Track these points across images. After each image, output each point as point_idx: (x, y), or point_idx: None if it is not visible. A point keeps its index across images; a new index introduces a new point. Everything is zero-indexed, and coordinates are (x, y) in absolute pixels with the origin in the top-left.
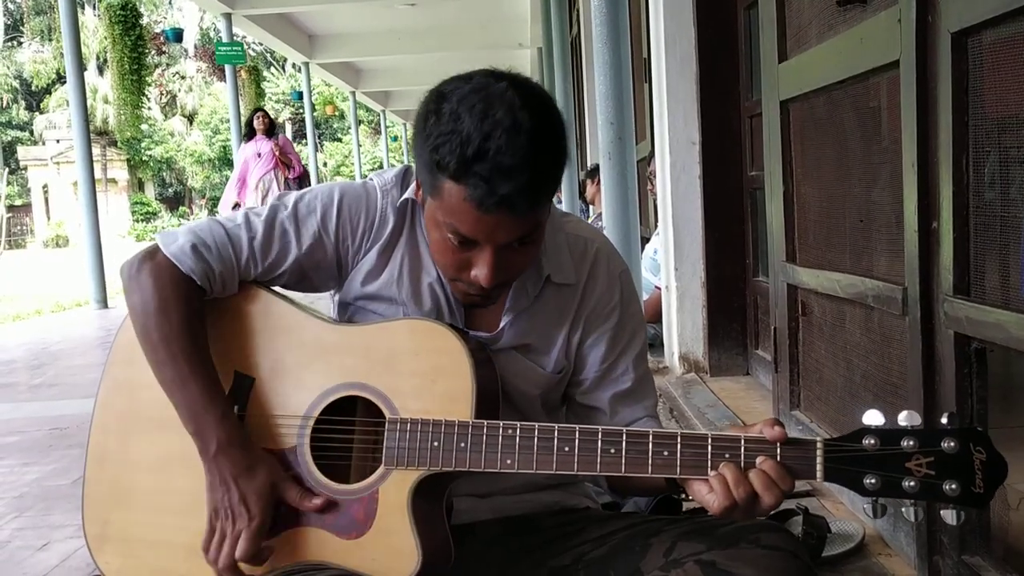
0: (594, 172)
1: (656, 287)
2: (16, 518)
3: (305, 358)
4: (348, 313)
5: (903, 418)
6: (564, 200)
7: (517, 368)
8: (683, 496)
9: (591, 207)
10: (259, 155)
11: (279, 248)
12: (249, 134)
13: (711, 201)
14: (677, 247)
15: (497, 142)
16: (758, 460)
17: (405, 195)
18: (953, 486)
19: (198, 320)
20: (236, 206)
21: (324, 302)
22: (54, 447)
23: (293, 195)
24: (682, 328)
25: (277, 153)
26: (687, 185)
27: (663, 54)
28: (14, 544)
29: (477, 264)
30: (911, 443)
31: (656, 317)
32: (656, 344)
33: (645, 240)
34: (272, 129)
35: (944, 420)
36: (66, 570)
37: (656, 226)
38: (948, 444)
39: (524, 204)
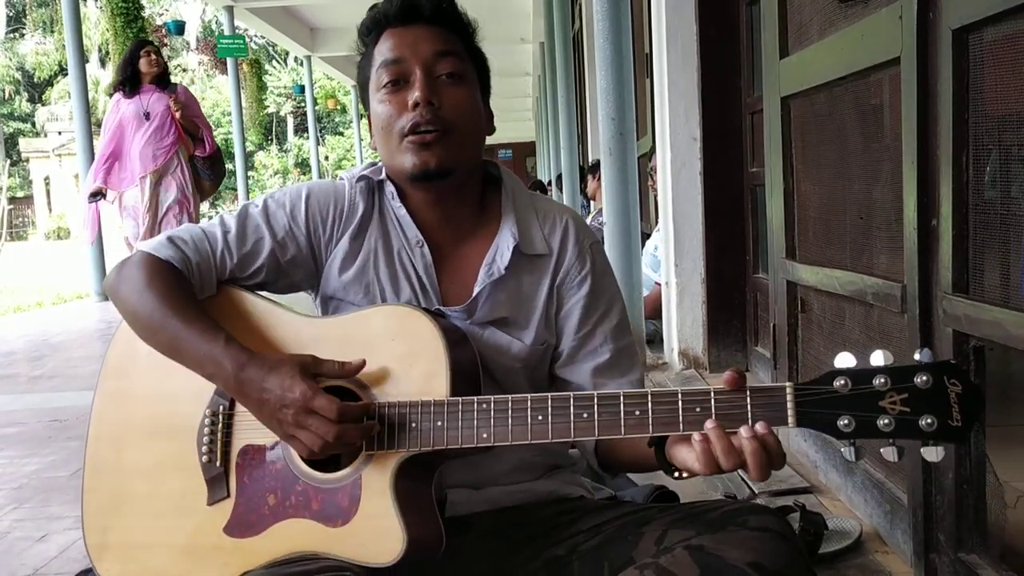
0: (595, 168)
1: (656, 283)
2: (15, 509)
3: (287, 351)
4: (331, 309)
5: (876, 357)
6: (565, 196)
7: (496, 342)
8: (674, 474)
9: (592, 203)
10: (145, 117)
11: (253, 240)
12: (129, 83)
13: (712, 197)
14: (677, 243)
15: None
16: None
17: (365, 172)
18: (929, 420)
19: (186, 288)
20: (97, 196)
21: (307, 305)
22: (53, 439)
23: (263, 195)
24: (682, 324)
25: (177, 115)
26: (688, 181)
27: (665, 50)
28: (13, 535)
29: (411, 93)
30: (883, 380)
31: (656, 313)
32: (656, 340)
33: (646, 236)
34: (166, 77)
35: (916, 356)
36: (64, 561)
37: (657, 222)
38: (921, 379)
39: (431, 6)
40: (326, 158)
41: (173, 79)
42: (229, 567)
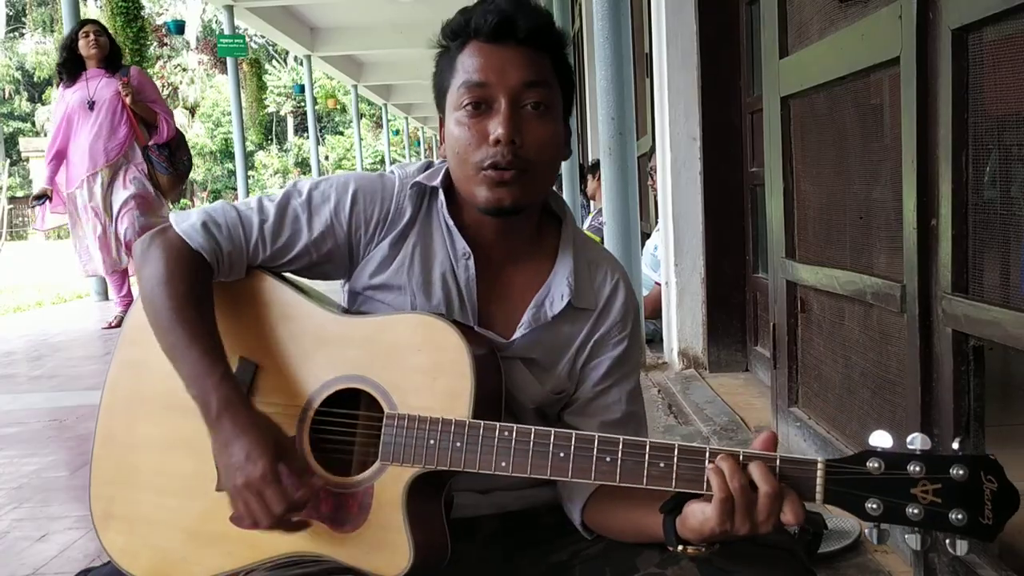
0: (595, 167)
1: (656, 283)
2: (15, 509)
3: (308, 348)
4: (357, 303)
5: (911, 441)
6: (565, 196)
7: (519, 379)
8: (680, 548)
9: (592, 202)
10: (89, 107)
11: (289, 234)
12: (66, 69)
13: (711, 197)
14: (677, 243)
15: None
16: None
17: (418, 178)
18: (960, 515)
19: (204, 293)
20: (42, 199)
21: (336, 292)
22: (53, 439)
23: (308, 182)
24: (682, 324)
25: (127, 100)
26: (688, 181)
27: (664, 49)
28: (13, 535)
29: (493, 124)
30: (918, 468)
31: (656, 313)
32: (656, 340)
33: (645, 236)
34: (116, 58)
35: (955, 446)
36: (65, 561)
37: (656, 222)
38: (957, 471)
39: (524, 20)
40: (326, 158)
41: (174, 78)
42: (232, 556)
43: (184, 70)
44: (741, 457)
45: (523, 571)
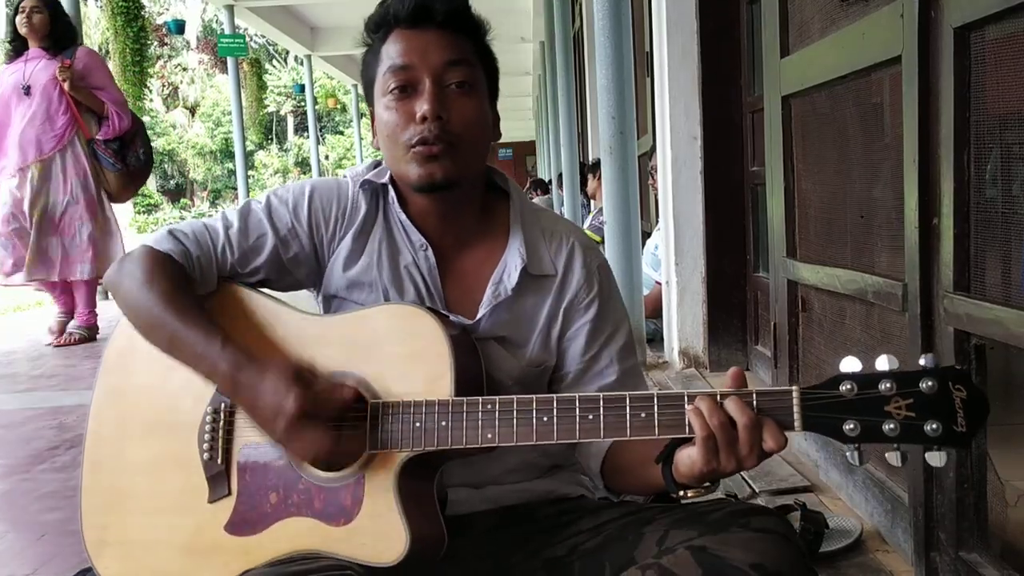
0: (596, 167)
1: (656, 282)
2: (14, 508)
3: (291, 351)
4: (332, 308)
5: (881, 362)
6: (565, 194)
7: (493, 356)
8: (682, 493)
9: (592, 201)
10: (25, 91)
11: (255, 237)
12: (17, 48)
13: (712, 196)
14: (678, 242)
15: None
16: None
17: (367, 176)
18: (934, 426)
19: (187, 287)
20: None
21: (308, 303)
22: (53, 438)
23: (266, 191)
24: (682, 323)
25: (65, 85)
26: (688, 180)
27: (665, 48)
28: (12, 534)
29: (419, 103)
30: (889, 386)
31: (656, 312)
32: (656, 339)
33: (646, 235)
34: (64, 38)
35: (922, 361)
36: (64, 560)
37: (657, 221)
38: (927, 384)
39: (441, 3)
40: (326, 157)
41: (174, 78)
42: (230, 566)
43: (184, 70)
44: (718, 397)
45: (520, 566)
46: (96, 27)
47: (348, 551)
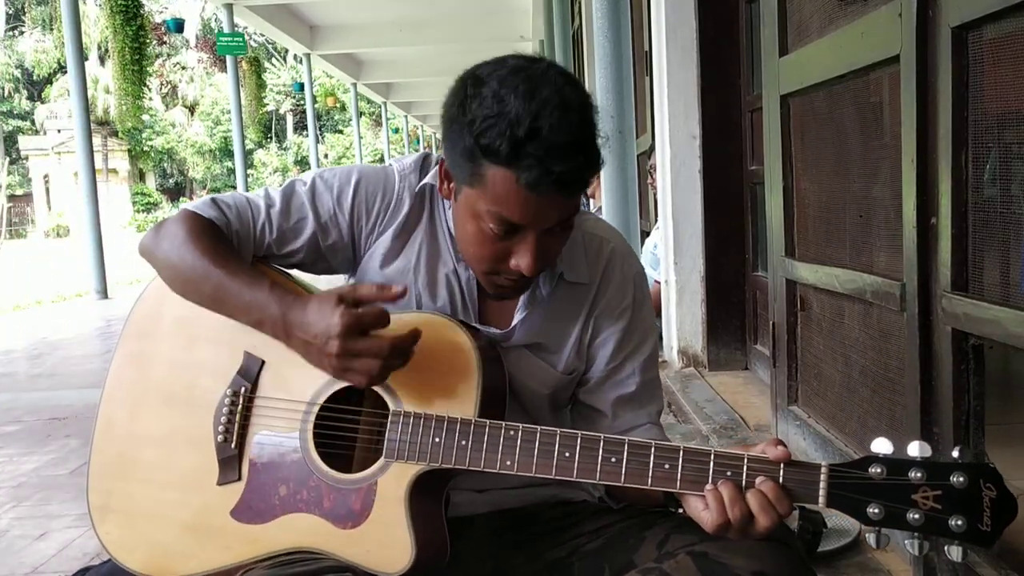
0: None
1: (656, 281)
2: (14, 507)
3: None
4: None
5: (913, 448)
6: None
7: (528, 366)
8: (679, 510)
9: (591, 201)
10: None
11: (295, 220)
12: None
13: (711, 196)
14: (677, 241)
15: (549, 120)
16: (758, 480)
17: (425, 180)
18: (959, 522)
19: (226, 244)
20: None
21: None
22: (52, 437)
23: (312, 172)
24: (681, 322)
25: None
26: (687, 179)
27: (664, 48)
28: (12, 533)
29: (518, 252)
30: (919, 475)
31: (655, 311)
32: None
33: (645, 234)
34: None
35: (955, 453)
36: (64, 559)
37: (656, 220)
38: (957, 478)
39: (577, 183)
40: (325, 156)
41: (173, 77)
42: (231, 550)
43: (183, 68)
44: (745, 463)
45: (521, 568)
46: (95, 26)
47: (351, 555)
